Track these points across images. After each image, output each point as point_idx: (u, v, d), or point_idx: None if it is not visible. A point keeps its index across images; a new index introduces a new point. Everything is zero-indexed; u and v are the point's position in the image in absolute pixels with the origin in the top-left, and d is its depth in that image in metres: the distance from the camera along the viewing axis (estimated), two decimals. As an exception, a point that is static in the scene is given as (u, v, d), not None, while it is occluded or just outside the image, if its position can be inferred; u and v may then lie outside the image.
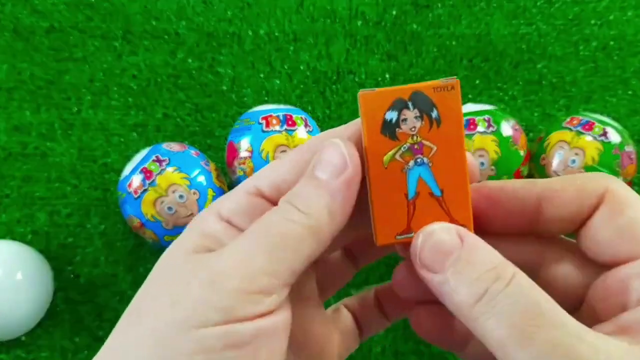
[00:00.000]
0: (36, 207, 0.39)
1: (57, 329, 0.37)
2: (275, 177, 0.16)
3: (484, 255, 0.14)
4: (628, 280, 0.14)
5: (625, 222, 0.15)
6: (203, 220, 0.16)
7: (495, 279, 0.13)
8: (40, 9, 0.44)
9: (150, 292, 0.15)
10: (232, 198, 0.16)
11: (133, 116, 0.41)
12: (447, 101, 0.15)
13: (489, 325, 0.13)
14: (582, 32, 0.44)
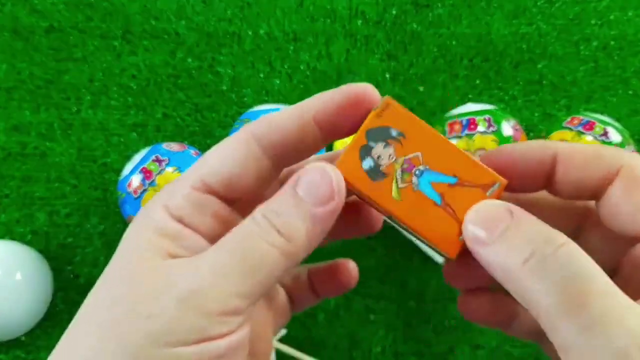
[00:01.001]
0: (35, 207, 0.39)
1: (57, 330, 0.37)
2: (224, 172, 0.16)
3: (533, 224, 0.14)
4: None
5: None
6: (154, 216, 0.15)
7: (545, 242, 0.13)
8: (39, 8, 0.44)
9: (120, 294, 0.14)
10: (178, 193, 0.16)
11: (133, 116, 0.41)
12: (393, 117, 0.16)
13: (537, 290, 0.13)
14: (582, 32, 0.44)
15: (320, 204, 0.15)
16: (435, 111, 0.42)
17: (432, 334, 0.36)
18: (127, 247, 0.15)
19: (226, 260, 0.14)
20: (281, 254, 0.15)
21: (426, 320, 0.36)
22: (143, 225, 0.15)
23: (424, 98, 0.42)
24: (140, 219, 0.16)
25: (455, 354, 0.36)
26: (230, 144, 0.16)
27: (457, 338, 0.36)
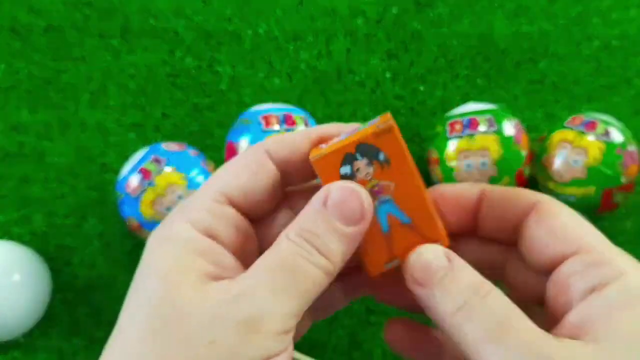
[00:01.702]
0: (34, 207, 0.39)
1: (55, 330, 0.36)
2: (240, 184, 0.16)
3: (467, 274, 0.16)
4: (567, 279, 0.16)
5: (556, 224, 0.16)
6: (181, 233, 0.15)
7: (474, 293, 0.15)
8: (37, 7, 0.43)
9: (169, 323, 0.14)
10: (200, 207, 0.16)
11: (131, 116, 0.41)
12: (388, 143, 0.17)
13: (467, 330, 0.15)
14: (584, 31, 0.44)
15: (352, 223, 0.16)
16: (436, 111, 0.42)
17: (432, 336, 0.36)
18: (159, 269, 0.15)
19: (281, 282, 0.15)
20: (325, 273, 0.16)
21: (426, 322, 0.36)
22: (170, 244, 0.15)
23: (425, 97, 0.42)
24: (164, 236, 0.16)
25: (456, 356, 0.36)
26: (244, 158, 0.17)
27: (458, 339, 0.36)
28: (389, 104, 0.42)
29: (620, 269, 0.15)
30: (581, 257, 0.16)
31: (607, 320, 0.14)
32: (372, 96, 0.42)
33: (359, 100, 0.42)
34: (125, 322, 0.15)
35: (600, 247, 0.16)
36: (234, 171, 0.17)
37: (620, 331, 0.14)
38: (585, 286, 0.15)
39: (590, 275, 0.15)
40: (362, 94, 0.42)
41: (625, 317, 0.14)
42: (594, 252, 0.15)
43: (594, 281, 0.15)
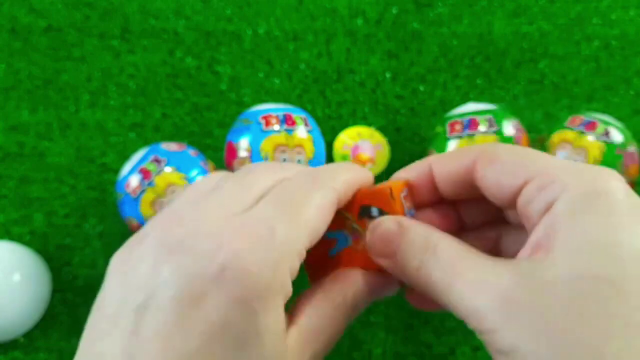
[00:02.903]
0: (34, 207, 0.39)
1: (55, 331, 0.36)
2: (319, 233, 0.18)
3: (416, 234, 0.18)
4: (525, 209, 0.17)
5: (497, 166, 0.18)
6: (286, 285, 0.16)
7: (425, 250, 0.17)
8: (37, 7, 0.43)
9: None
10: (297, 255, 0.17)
11: (131, 116, 0.41)
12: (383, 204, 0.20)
13: (431, 284, 0.17)
14: (584, 31, 0.44)
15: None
16: (436, 111, 0.42)
17: (432, 336, 0.36)
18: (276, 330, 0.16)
19: (324, 348, 0.18)
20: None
21: (426, 322, 0.36)
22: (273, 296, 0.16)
23: (425, 97, 0.42)
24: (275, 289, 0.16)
25: (456, 356, 0.36)
26: (324, 202, 0.18)
27: (457, 340, 0.36)
28: (389, 104, 0.42)
29: (564, 184, 0.16)
30: (529, 186, 0.16)
31: (556, 234, 0.15)
32: (372, 96, 0.42)
33: (359, 100, 0.42)
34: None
35: (544, 169, 0.16)
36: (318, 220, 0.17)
37: (567, 241, 0.15)
38: (539, 209, 0.16)
39: (540, 199, 0.16)
40: (362, 94, 0.42)
41: (571, 227, 0.15)
42: (539, 177, 0.16)
43: (543, 203, 0.16)
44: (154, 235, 0.16)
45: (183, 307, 0.15)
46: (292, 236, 0.16)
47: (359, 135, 0.40)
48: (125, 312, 0.15)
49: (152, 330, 0.15)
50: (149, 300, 0.15)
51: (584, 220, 0.15)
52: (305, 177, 0.18)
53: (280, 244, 0.16)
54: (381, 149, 0.40)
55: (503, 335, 0.14)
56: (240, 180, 0.18)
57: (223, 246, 0.15)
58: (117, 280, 0.17)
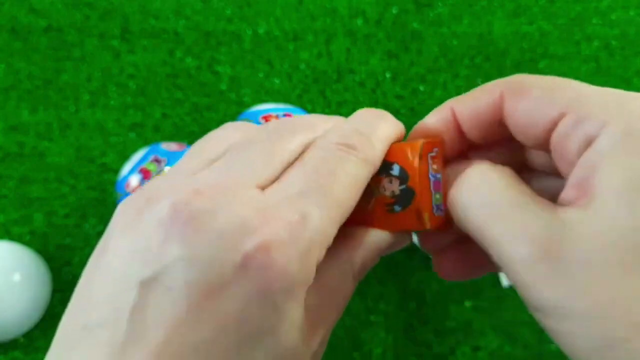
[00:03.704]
0: (34, 207, 0.39)
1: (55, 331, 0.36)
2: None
3: (466, 168, 0.16)
4: (561, 145, 0.15)
5: (529, 101, 0.16)
6: (312, 270, 0.15)
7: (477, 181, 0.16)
8: (37, 8, 0.43)
9: None
10: (328, 244, 0.15)
11: (131, 116, 0.41)
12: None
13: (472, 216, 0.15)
14: (584, 31, 0.44)
15: None
16: (436, 111, 0.42)
17: (432, 336, 0.36)
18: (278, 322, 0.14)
19: (333, 321, 0.17)
20: None
21: (427, 322, 0.36)
22: (300, 289, 0.15)
23: (425, 97, 0.42)
24: (296, 280, 0.14)
25: (456, 356, 0.36)
26: (359, 182, 0.16)
27: (457, 339, 0.36)
28: (389, 104, 0.42)
29: (603, 118, 0.14)
30: (565, 121, 0.15)
31: (599, 177, 0.14)
32: (372, 96, 0.42)
33: (359, 100, 0.42)
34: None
35: (581, 100, 0.15)
36: (350, 200, 0.16)
37: (613, 186, 0.13)
38: (577, 147, 0.14)
39: (578, 134, 0.14)
40: (362, 94, 0.42)
41: (616, 169, 0.13)
42: (576, 109, 0.15)
43: (581, 139, 0.14)
44: (169, 200, 0.14)
45: (198, 293, 0.13)
46: (324, 225, 0.14)
47: (359, 135, 0.40)
48: (126, 284, 0.13)
49: (159, 313, 0.13)
50: (159, 277, 0.13)
51: (630, 161, 0.13)
52: (340, 141, 0.16)
53: (312, 234, 0.14)
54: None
55: (544, 291, 0.13)
56: (268, 141, 0.16)
57: (249, 232, 0.13)
58: (120, 244, 0.14)
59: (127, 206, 0.15)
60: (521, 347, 0.36)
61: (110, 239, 0.15)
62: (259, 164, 0.15)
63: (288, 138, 0.16)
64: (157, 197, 0.14)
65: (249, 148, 0.16)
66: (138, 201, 0.15)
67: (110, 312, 0.13)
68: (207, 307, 0.13)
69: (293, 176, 0.15)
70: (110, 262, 0.14)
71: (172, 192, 0.14)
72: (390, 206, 0.17)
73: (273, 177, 0.15)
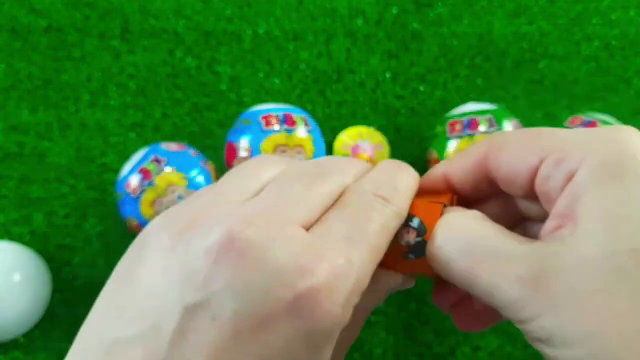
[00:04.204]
0: (33, 207, 0.39)
1: (55, 331, 0.36)
2: None
3: (451, 224, 0.17)
4: (543, 187, 0.16)
5: (509, 153, 0.17)
6: (347, 314, 0.15)
7: (457, 233, 0.17)
8: (37, 7, 0.44)
9: None
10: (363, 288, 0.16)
11: (131, 116, 0.41)
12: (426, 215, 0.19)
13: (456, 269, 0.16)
14: (584, 31, 0.44)
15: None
16: (436, 110, 0.42)
17: (432, 336, 0.36)
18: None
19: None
20: None
21: (427, 322, 0.36)
22: (339, 329, 0.15)
23: (425, 97, 0.42)
24: (338, 322, 0.14)
25: (456, 356, 0.36)
26: (390, 231, 0.17)
27: (457, 340, 0.36)
28: (389, 104, 0.42)
29: (582, 154, 0.15)
30: (545, 164, 0.16)
31: (579, 206, 0.14)
32: (372, 96, 0.42)
33: (359, 100, 0.42)
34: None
35: (558, 143, 0.16)
36: (382, 246, 0.17)
37: (594, 213, 0.14)
38: (558, 184, 0.15)
39: (558, 173, 0.15)
40: (362, 94, 0.42)
41: (595, 197, 0.14)
42: (555, 152, 0.15)
43: (562, 177, 0.15)
44: (223, 226, 0.14)
45: (244, 325, 0.13)
46: (365, 270, 0.15)
47: (359, 135, 0.40)
48: (169, 305, 0.13)
49: (201, 339, 0.13)
50: (205, 303, 0.13)
51: (608, 188, 0.14)
52: (376, 192, 0.17)
53: (355, 280, 0.14)
54: (381, 149, 0.40)
55: (540, 324, 0.14)
56: (307, 181, 0.16)
57: (304, 272, 0.13)
58: (161, 262, 0.14)
59: (167, 223, 0.15)
60: (521, 347, 0.36)
61: (147, 254, 0.14)
62: (301, 203, 0.15)
63: (325, 179, 0.16)
64: (206, 221, 0.14)
65: (290, 186, 0.16)
66: (181, 220, 0.15)
67: (149, 331, 0.13)
68: (251, 340, 0.13)
69: (335, 220, 0.15)
70: (148, 279, 0.14)
71: (224, 218, 0.14)
72: (405, 254, 0.18)
73: (314, 218, 0.15)
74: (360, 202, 0.16)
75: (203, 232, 0.14)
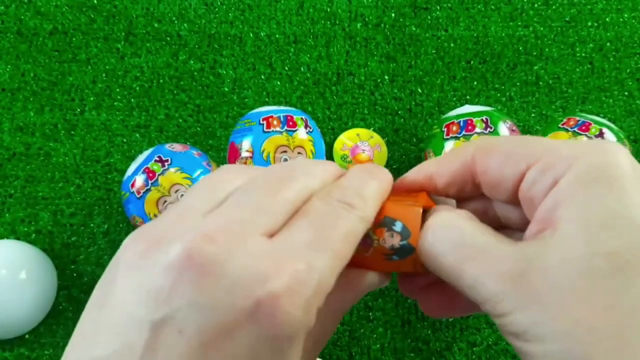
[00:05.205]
0: (40, 206, 0.39)
1: (60, 328, 0.37)
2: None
3: (440, 219, 0.17)
4: (528, 192, 0.16)
5: (497, 157, 0.17)
6: (311, 319, 0.15)
7: (446, 228, 0.17)
8: (43, 11, 0.44)
9: None
10: (328, 292, 0.16)
11: (136, 117, 0.41)
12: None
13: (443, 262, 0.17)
14: (578, 34, 0.44)
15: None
16: (433, 112, 0.42)
17: (430, 332, 0.36)
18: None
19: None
20: None
21: (424, 318, 0.37)
22: (303, 333, 0.15)
23: (422, 99, 0.43)
24: (301, 326, 0.15)
25: (453, 351, 0.36)
26: (356, 236, 0.17)
27: (454, 335, 0.36)
28: (387, 106, 0.43)
29: (568, 161, 0.15)
30: (532, 170, 0.16)
31: (561, 209, 0.15)
32: (371, 98, 0.43)
33: (358, 102, 0.43)
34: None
35: (546, 150, 0.16)
36: (347, 250, 0.17)
37: (575, 216, 0.14)
38: (543, 190, 0.16)
39: (544, 179, 0.16)
40: (361, 96, 0.43)
41: (577, 201, 0.14)
42: (542, 159, 0.16)
43: (547, 183, 0.15)
44: (181, 244, 0.14)
45: (209, 336, 0.13)
46: (327, 274, 0.15)
47: (358, 136, 0.41)
48: (138, 323, 0.14)
49: (170, 353, 0.13)
50: (169, 320, 0.14)
51: (591, 194, 0.14)
52: (341, 199, 0.17)
53: (316, 283, 0.15)
54: (380, 149, 0.40)
55: (516, 318, 0.14)
56: (271, 188, 0.16)
57: (262, 280, 0.14)
58: (129, 281, 0.15)
59: (134, 242, 0.15)
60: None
61: (117, 275, 0.15)
62: (264, 211, 0.16)
63: (289, 185, 0.17)
64: (167, 239, 0.15)
65: (254, 195, 0.16)
66: (147, 239, 0.15)
67: (123, 348, 0.14)
68: (217, 350, 0.14)
69: (298, 227, 0.16)
70: (120, 299, 0.14)
71: (183, 236, 0.14)
72: (389, 256, 0.18)
73: (278, 226, 0.16)
74: (325, 209, 0.16)
75: (165, 250, 0.14)
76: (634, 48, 0.44)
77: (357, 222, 0.16)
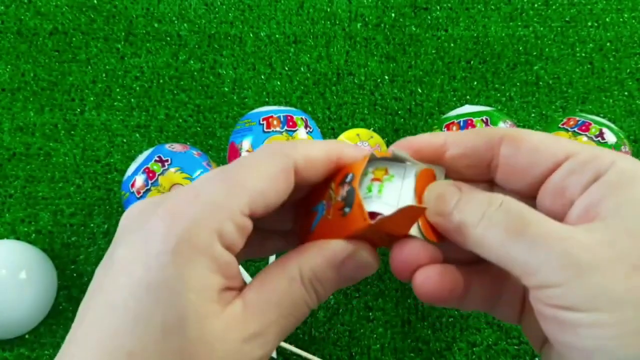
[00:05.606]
0: (40, 206, 0.39)
1: (60, 328, 0.37)
2: (268, 202, 0.17)
3: (477, 194, 0.17)
4: (562, 182, 0.16)
5: (533, 142, 0.17)
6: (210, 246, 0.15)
7: (489, 204, 0.16)
8: (43, 11, 0.44)
9: (198, 344, 0.15)
10: (230, 218, 0.16)
11: (136, 117, 0.42)
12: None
13: (491, 235, 0.16)
14: (578, 34, 0.44)
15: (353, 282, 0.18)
16: (433, 112, 0.42)
17: (430, 332, 0.37)
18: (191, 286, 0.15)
19: (289, 328, 0.17)
20: (309, 310, 0.17)
21: (424, 318, 0.37)
22: (195, 254, 0.15)
23: (422, 100, 0.43)
24: (193, 244, 0.15)
25: (453, 351, 0.36)
26: (272, 166, 0.17)
27: (454, 335, 0.36)
28: (387, 106, 0.43)
29: (611, 159, 0.16)
30: (572, 160, 0.16)
31: (611, 200, 0.15)
32: (370, 98, 0.43)
33: (358, 102, 0.43)
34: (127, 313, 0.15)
35: (585, 148, 0.17)
36: (262, 184, 0.17)
37: (625, 207, 0.15)
38: (585, 180, 0.16)
39: (586, 170, 0.16)
40: (361, 96, 0.43)
41: (627, 194, 0.15)
42: (582, 153, 0.16)
43: (590, 174, 0.16)
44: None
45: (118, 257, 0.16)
46: (218, 197, 0.16)
47: (358, 136, 0.41)
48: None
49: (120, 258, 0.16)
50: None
51: (634, 195, 0.15)
52: (263, 150, 0.17)
53: (202, 203, 0.16)
54: (380, 149, 0.40)
55: (564, 292, 0.14)
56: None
57: (159, 207, 0.16)
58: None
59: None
60: (516, 343, 0.36)
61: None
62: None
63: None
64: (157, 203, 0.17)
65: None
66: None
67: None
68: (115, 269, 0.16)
69: (208, 173, 0.17)
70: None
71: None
72: (342, 209, 0.18)
73: None
74: (247, 156, 0.18)
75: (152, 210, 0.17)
76: (634, 48, 0.44)
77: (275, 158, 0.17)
